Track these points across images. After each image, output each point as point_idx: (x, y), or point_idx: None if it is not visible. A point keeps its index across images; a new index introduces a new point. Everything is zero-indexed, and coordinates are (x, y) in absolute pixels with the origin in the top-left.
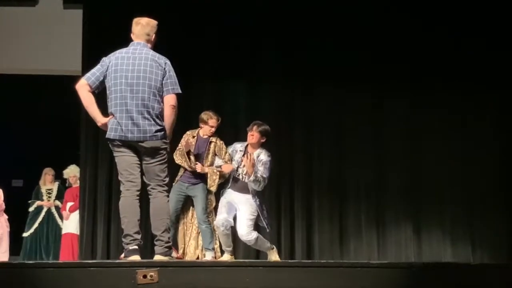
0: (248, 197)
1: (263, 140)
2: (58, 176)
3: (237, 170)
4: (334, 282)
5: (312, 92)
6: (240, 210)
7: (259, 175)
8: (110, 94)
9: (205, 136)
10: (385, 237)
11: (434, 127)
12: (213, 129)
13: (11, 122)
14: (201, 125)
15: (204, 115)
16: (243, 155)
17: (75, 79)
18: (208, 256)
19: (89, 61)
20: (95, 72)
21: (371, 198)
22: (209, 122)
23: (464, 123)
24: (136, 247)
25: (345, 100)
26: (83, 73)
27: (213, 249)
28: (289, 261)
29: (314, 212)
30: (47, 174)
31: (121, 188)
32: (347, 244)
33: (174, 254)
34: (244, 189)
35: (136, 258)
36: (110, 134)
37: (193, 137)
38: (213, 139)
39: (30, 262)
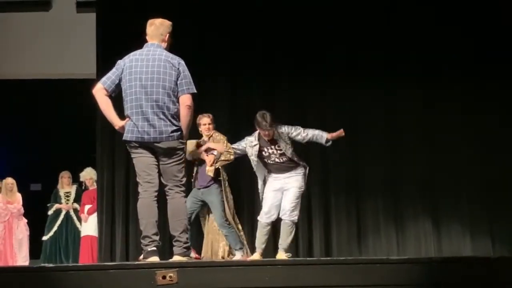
0: (293, 173)
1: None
2: (76, 179)
3: (268, 160)
4: (354, 279)
5: (326, 89)
6: (287, 189)
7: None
8: (126, 96)
9: (206, 136)
10: (404, 233)
11: (450, 121)
12: (206, 126)
13: (27, 127)
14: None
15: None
16: (260, 147)
17: (90, 82)
18: (238, 257)
19: (104, 64)
20: (110, 76)
21: (388, 194)
22: (201, 122)
23: (481, 116)
24: (154, 248)
25: (358, 97)
26: (98, 76)
27: (240, 248)
28: (308, 258)
29: (331, 209)
30: (64, 177)
31: (139, 189)
32: (366, 241)
33: (192, 254)
34: (287, 169)
35: (155, 259)
36: (127, 136)
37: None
38: (213, 135)
39: (51, 265)
